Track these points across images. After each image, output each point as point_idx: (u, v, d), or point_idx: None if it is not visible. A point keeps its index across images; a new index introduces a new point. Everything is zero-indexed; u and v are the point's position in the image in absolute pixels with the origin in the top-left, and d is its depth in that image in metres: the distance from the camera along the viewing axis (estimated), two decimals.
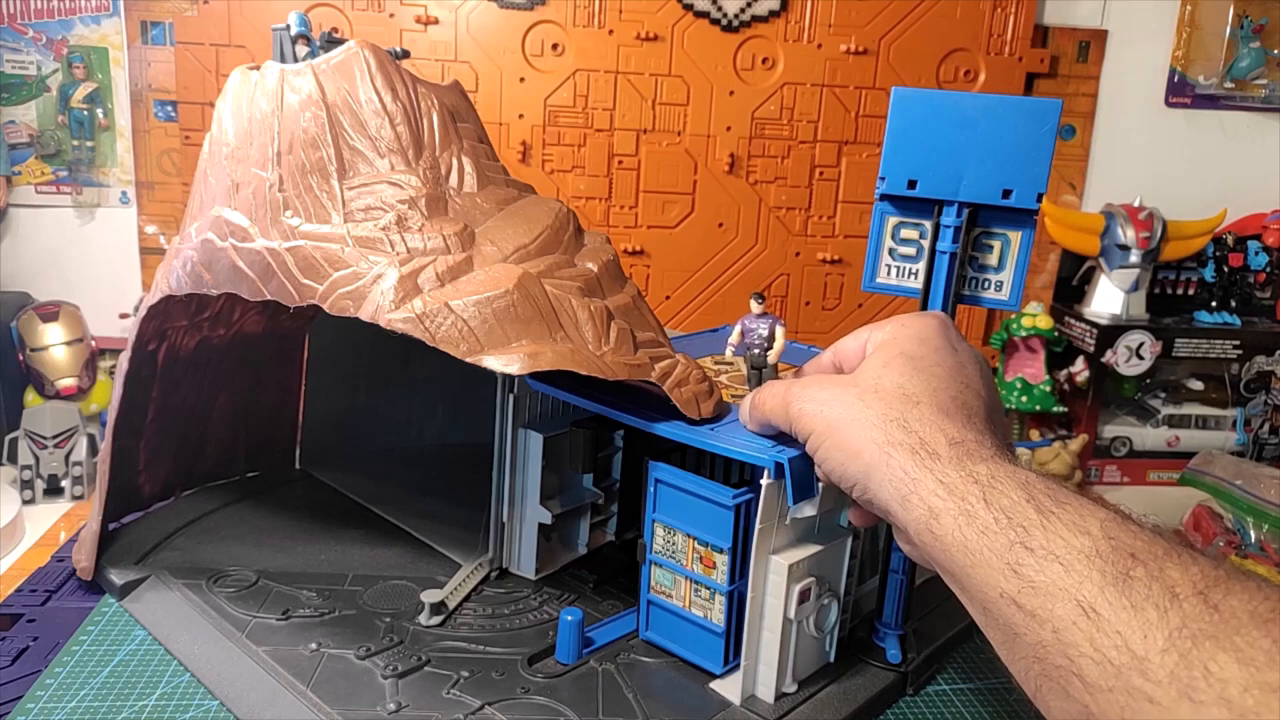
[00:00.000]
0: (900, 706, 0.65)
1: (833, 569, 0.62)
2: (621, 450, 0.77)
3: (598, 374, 0.58)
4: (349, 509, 0.88)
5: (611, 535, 0.79)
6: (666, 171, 1.19)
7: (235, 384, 0.87)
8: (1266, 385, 1.22)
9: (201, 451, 0.88)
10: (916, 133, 0.57)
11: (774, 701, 0.60)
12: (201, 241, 0.65)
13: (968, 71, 1.20)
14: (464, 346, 0.56)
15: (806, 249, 1.23)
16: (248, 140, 0.66)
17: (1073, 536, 0.36)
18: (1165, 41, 1.24)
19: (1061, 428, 1.23)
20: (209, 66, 1.10)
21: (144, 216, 1.16)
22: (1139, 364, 1.17)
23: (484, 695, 0.59)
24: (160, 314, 0.72)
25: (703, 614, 0.62)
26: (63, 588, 0.75)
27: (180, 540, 0.80)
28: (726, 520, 0.59)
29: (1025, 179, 0.55)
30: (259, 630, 0.66)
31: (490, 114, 1.14)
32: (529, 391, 0.71)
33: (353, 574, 0.75)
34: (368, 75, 0.66)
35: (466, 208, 0.65)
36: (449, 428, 1.03)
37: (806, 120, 1.19)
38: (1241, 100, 1.26)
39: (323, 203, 0.63)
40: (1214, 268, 1.26)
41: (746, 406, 0.57)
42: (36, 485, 0.98)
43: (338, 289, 0.58)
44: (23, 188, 1.15)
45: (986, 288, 0.60)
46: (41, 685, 0.62)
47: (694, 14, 1.15)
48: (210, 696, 0.62)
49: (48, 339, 1.07)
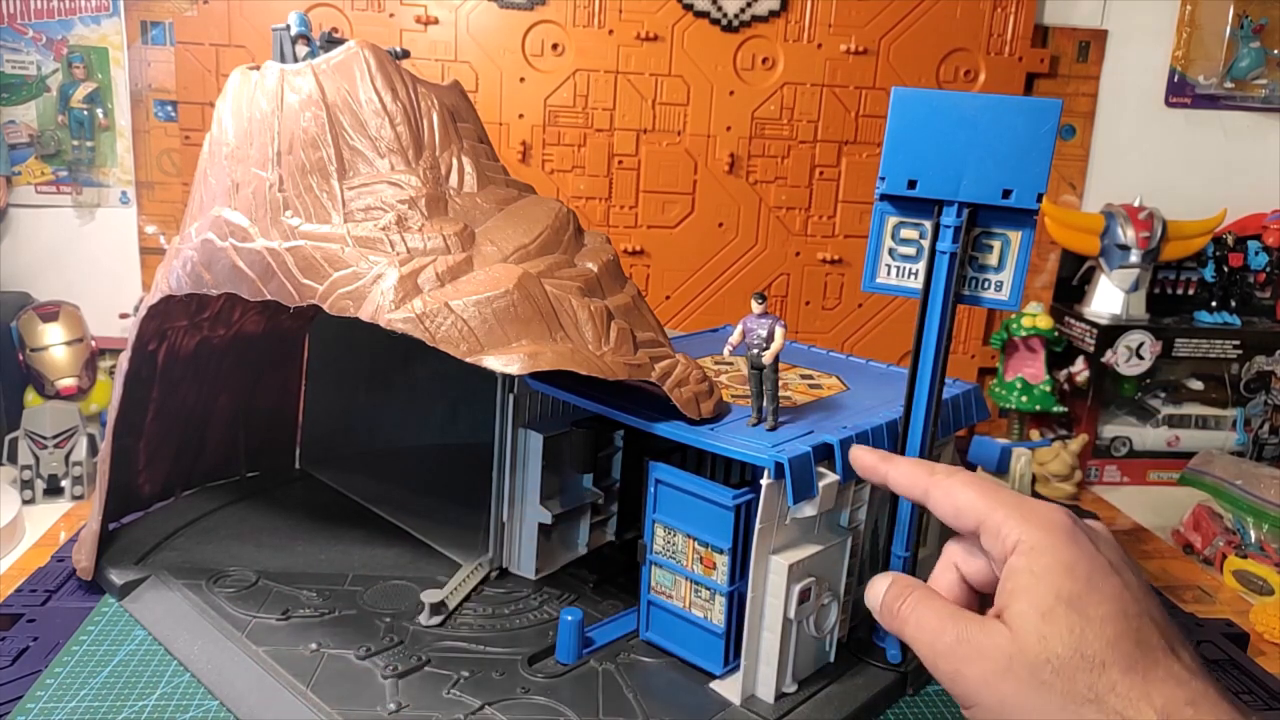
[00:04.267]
0: (900, 706, 0.65)
1: (833, 569, 0.62)
2: (621, 450, 0.77)
3: (598, 374, 0.58)
4: (349, 509, 0.88)
5: (611, 535, 0.79)
6: (666, 171, 1.19)
7: (235, 384, 0.87)
8: (1266, 385, 1.22)
9: (201, 451, 0.88)
10: (916, 133, 0.57)
11: (774, 701, 0.60)
12: (201, 241, 0.65)
13: (968, 71, 1.20)
14: (464, 346, 0.56)
15: (806, 249, 1.23)
16: (248, 140, 0.66)
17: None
18: (1165, 41, 1.24)
19: (1061, 428, 1.23)
20: (209, 66, 1.10)
21: (144, 216, 1.16)
22: (1139, 364, 1.17)
23: (484, 695, 0.60)
24: (160, 314, 0.72)
25: (703, 614, 0.62)
26: (63, 588, 0.75)
27: (180, 540, 0.80)
28: (726, 520, 0.59)
29: (1025, 179, 0.55)
30: (259, 630, 0.66)
31: (490, 114, 1.14)
32: (529, 391, 0.71)
33: (353, 574, 0.75)
34: (368, 75, 0.66)
35: (466, 208, 0.65)
36: (449, 428, 1.03)
37: (806, 120, 1.19)
38: (1241, 100, 1.26)
39: (323, 203, 0.63)
40: (1214, 268, 1.26)
41: (879, 596, 0.49)
42: (36, 485, 0.98)
43: (338, 289, 0.58)
44: (23, 188, 1.15)
45: (986, 288, 0.60)
46: (41, 685, 0.62)
47: (694, 14, 1.15)
48: (210, 696, 0.62)
49: (48, 339, 1.07)
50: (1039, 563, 0.43)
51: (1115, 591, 0.42)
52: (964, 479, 0.48)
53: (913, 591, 0.47)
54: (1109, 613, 0.41)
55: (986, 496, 0.46)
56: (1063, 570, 0.42)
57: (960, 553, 0.48)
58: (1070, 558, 0.43)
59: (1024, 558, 0.43)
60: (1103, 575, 0.43)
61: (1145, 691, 0.39)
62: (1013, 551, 0.44)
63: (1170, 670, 0.40)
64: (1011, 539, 0.44)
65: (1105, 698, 0.39)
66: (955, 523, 0.47)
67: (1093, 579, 0.42)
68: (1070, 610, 0.41)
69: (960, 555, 0.48)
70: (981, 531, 0.46)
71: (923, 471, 0.50)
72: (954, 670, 0.44)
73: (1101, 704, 0.39)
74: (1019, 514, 0.45)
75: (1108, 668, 0.40)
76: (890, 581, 0.48)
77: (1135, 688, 0.39)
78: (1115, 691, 0.39)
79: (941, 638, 0.44)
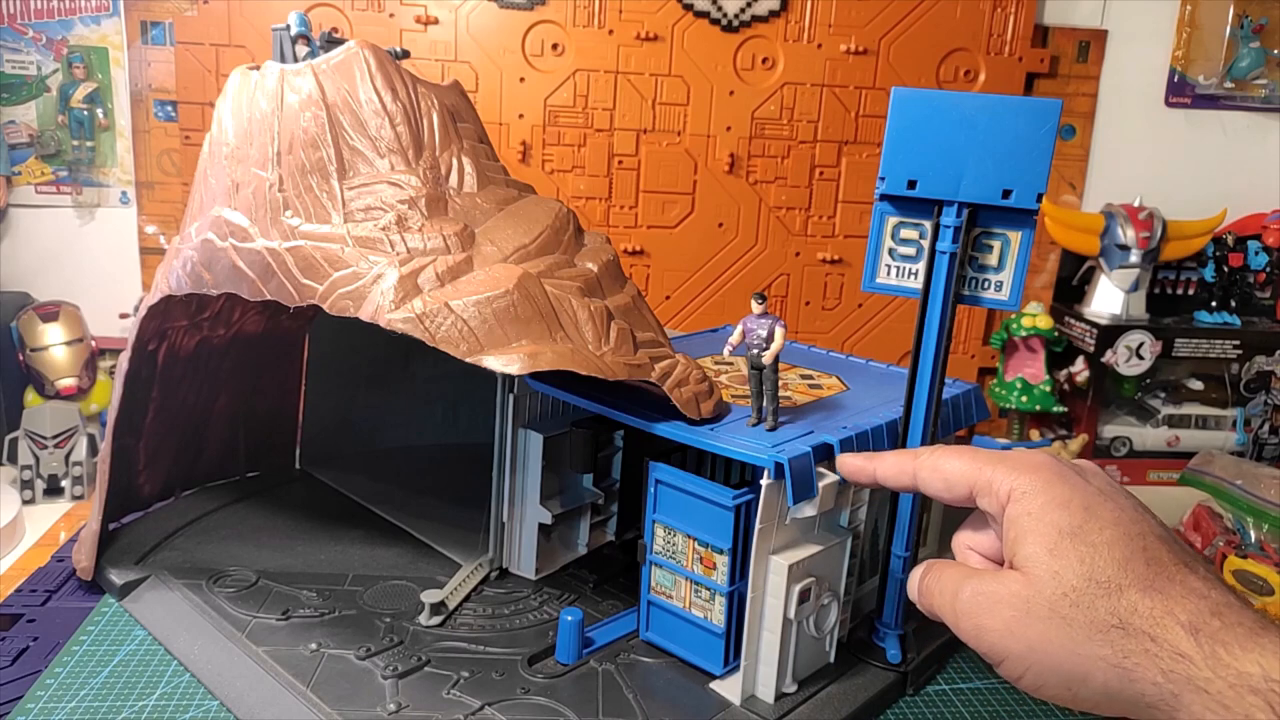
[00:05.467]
0: (900, 706, 0.65)
1: (833, 569, 0.62)
2: (621, 450, 0.77)
3: (598, 374, 0.58)
4: (349, 509, 0.88)
5: (611, 535, 0.79)
6: (666, 171, 1.19)
7: (235, 384, 0.87)
8: (1266, 385, 1.22)
9: (201, 451, 0.88)
10: (916, 133, 0.57)
11: (774, 702, 0.60)
12: (201, 241, 0.65)
13: (968, 71, 1.20)
14: (464, 346, 0.56)
15: (806, 249, 1.23)
16: (248, 140, 0.66)
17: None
18: (1165, 41, 1.24)
19: (1061, 428, 1.23)
20: (209, 66, 1.10)
21: (144, 216, 1.16)
22: (1139, 364, 1.17)
23: (484, 695, 0.59)
24: (160, 314, 0.72)
25: (703, 615, 0.62)
26: (63, 588, 0.75)
27: (180, 540, 0.80)
28: (726, 521, 0.59)
29: (1025, 179, 0.55)
30: (259, 630, 0.66)
31: (490, 114, 1.14)
32: (529, 391, 0.71)
33: (353, 574, 0.75)
34: (368, 75, 0.66)
35: (466, 208, 0.65)
36: (449, 428, 1.03)
37: (806, 120, 1.19)
38: (1241, 100, 1.26)
39: (323, 203, 0.63)
40: (1214, 268, 1.26)
41: (914, 582, 0.49)
42: (36, 485, 0.98)
43: (338, 289, 0.58)
44: (23, 188, 1.15)
45: (986, 288, 0.60)
46: (41, 685, 0.62)
47: (694, 14, 1.15)
48: (210, 696, 0.62)
49: (48, 339, 1.07)
50: (1034, 504, 0.44)
51: (1114, 516, 0.43)
52: (946, 451, 0.49)
53: (933, 566, 0.48)
54: (1113, 537, 0.41)
55: (972, 459, 0.47)
56: (1058, 506, 0.43)
57: (968, 535, 0.49)
58: (1063, 493, 0.44)
59: (1019, 504, 0.44)
60: (1098, 503, 0.43)
61: (1168, 609, 0.39)
62: (1008, 501, 0.44)
63: (1188, 585, 0.39)
64: (1004, 490, 0.45)
65: (1129, 621, 0.39)
66: (949, 494, 0.48)
67: (1090, 508, 0.43)
68: (1075, 541, 0.42)
69: (969, 537, 0.49)
70: (976, 494, 0.46)
71: (906, 457, 0.50)
72: (976, 625, 0.44)
73: (1127, 628, 0.39)
74: (1005, 465, 0.45)
75: (1125, 590, 0.40)
76: (922, 568, 0.49)
77: (1157, 606, 0.39)
78: (1137, 613, 0.39)
79: (960, 596, 0.45)
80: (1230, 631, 0.37)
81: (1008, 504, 0.44)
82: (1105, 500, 0.43)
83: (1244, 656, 0.36)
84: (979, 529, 0.48)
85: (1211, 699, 0.36)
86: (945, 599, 0.46)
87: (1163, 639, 0.38)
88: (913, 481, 0.49)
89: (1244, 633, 0.37)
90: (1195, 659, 0.37)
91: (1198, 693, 0.37)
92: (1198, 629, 0.38)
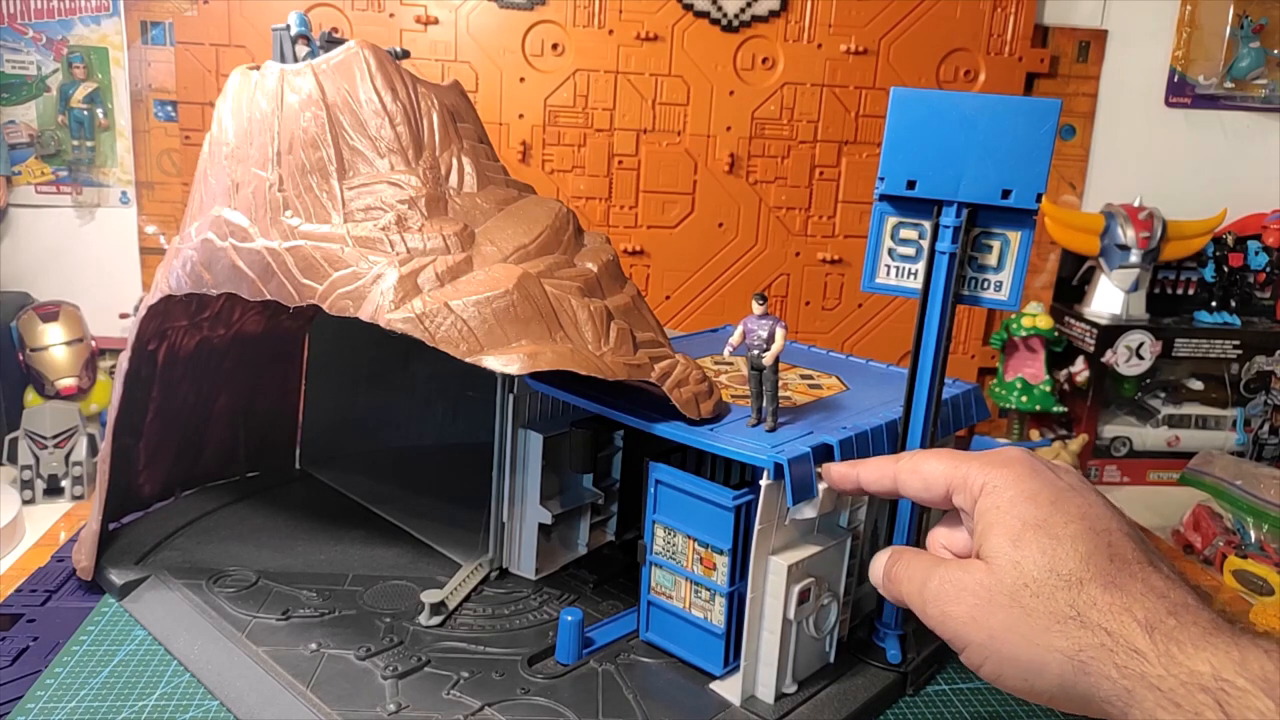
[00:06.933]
0: (900, 706, 0.65)
1: (833, 569, 0.62)
2: (621, 450, 0.77)
3: (597, 374, 0.58)
4: (349, 509, 0.88)
5: (611, 535, 0.79)
6: (666, 171, 1.19)
7: (235, 384, 0.87)
8: (1266, 385, 1.22)
9: (201, 451, 0.88)
10: (916, 133, 0.57)
11: (774, 702, 0.60)
12: (201, 241, 0.65)
13: (968, 71, 1.20)
14: (464, 346, 0.56)
15: (806, 249, 1.23)
16: (248, 140, 0.66)
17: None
18: (1165, 41, 1.24)
19: (1061, 428, 1.23)
20: (209, 66, 1.10)
21: (144, 216, 1.16)
22: (1139, 364, 1.17)
23: (484, 696, 0.60)
24: (160, 314, 0.72)
25: (703, 615, 0.62)
26: (63, 588, 0.75)
27: (180, 540, 0.80)
28: (726, 521, 0.59)
29: (1025, 179, 0.55)
30: (259, 630, 0.66)
31: (490, 114, 1.14)
32: (529, 391, 0.71)
33: (353, 574, 0.75)
34: (368, 75, 0.66)
35: (466, 208, 0.65)
36: (449, 428, 1.03)
37: (806, 120, 1.19)
38: (1241, 100, 1.26)
39: (323, 203, 0.63)
40: (1214, 268, 1.26)
41: (880, 568, 0.50)
42: (36, 485, 0.98)
43: (337, 289, 0.58)
44: (23, 188, 1.15)
45: (986, 288, 0.60)
46: (41, 685, 0.62)
47: (694, 14, 1.15)
48: (210, 696, 0.62)
49: (48, 339, 1.07)
50: (1003, 497, 0.44)
51: (1080, 511, 0.43)
52: (925, 454, 0.49)
53: (902, 554, 0.49)
54: (1077, 531, 0.42)
55: (949, 459, 0.48)
56: (1026, 499, 0.44)
57: (943, 532, 0.50)
58: (1032, 487, 0.44)
59: (989, 497, 0.45)
60: (1066, 498, 0.44)
61: (1127, 605, 0.39)
62: (980, 495, 0.45)
63: (1150, 583, 0.40)
64: (977, 484, 0.46)
65: (1087, 613, 0.39)
66: (928, 495, 0.49)
67: (1057, 502, 0.43)
68: (1039, 533, 0.42)
69: (943, 535, 0.50)
70: (953, 493, 0.47)
71: (888, 461, 0.51)
72: (941, 612, 0.44)
73: (1084, 620, 0.39)
74: (979, 462, 0.46)
75: (1085, 584, 0.40)
76: (887, 554, 0.50)
77: (1116, 602, 0.39)
78: (1096, 607, 0.40)
79: (928, 585, 0.46)
80: (1185, 630, 0.38)
81: (979, 498, 0.45)
82: (1074, 495, 0.44)
83: (1196, 655, 0.37)
84: (953, 526, 0.49)
85: (1164, 696, 0.37)
86: (914, 586, 0.47)
87: (1119, 634, 0.39)
88: (894, 485, 0.50)
89: (1198, 632, 0.38)
90: (1149, 656, 0.38)
91: (1151, 689, 0.37)
92: (1153, 627, 0.38)
